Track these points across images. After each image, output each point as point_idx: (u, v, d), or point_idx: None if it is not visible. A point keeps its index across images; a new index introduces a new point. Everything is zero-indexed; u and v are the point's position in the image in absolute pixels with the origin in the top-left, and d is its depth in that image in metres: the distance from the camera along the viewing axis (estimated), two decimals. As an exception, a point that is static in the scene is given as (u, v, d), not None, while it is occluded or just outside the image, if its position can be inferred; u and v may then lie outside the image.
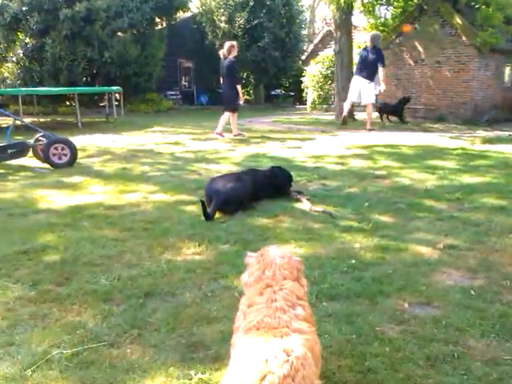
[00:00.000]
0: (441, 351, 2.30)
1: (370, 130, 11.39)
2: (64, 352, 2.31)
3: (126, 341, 2.42)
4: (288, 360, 1.34)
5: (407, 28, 14.37)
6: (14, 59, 18.07)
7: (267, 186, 5.07)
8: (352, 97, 11.67)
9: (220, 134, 10.28)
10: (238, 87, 10.15)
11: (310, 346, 1.45)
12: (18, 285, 3.04)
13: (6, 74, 19.20)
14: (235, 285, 2.96)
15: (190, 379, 2.11)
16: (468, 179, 5.90)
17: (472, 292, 2.89)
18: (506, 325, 2.52)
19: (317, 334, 1.66)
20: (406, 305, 2.75)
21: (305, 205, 4.80)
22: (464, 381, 2.09)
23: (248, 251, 2.01)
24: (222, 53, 10.22)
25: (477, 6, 13.67)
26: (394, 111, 13.84)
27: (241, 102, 10.69)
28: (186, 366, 2.19)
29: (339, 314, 2.62)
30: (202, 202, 4.37)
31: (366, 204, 4.81)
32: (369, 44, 11.40)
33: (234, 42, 10.39)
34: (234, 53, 10.09)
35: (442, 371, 2.15)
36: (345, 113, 12.12)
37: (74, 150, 7.09)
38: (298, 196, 5.08)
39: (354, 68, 12.01)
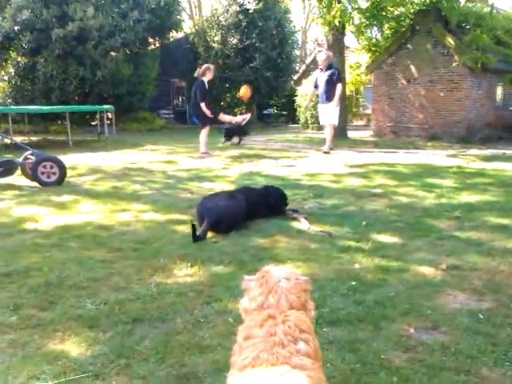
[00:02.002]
0: (452, 381, 2.12)
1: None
2: (44, 384, 2.11)
3: (111, 371, 2.23)
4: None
5: (245, 94, 13.44)
6: (6, 78, 17.98)
7: (262, 205, 4.89)
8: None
9: (205, 153, 10.22)
10: (202, 105, 10.06)
11: (313, 384, 1.27)
12: (-2, 310, 2.85)
13: (-2, 93, 19.11)
14: (229, 309, 2.78)
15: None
16: (466, 197, 5.78)
17: (480, 315, 2.72)
18: (519, 351, 2.36)
19: (322, 370, 1.48)
20: (412, 330, 2.58)
21: (303, 224, 4.64)
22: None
23: (245, 274, 1.80)
24: (197, 72, 10.29)
25: (468, 27, 13.80)
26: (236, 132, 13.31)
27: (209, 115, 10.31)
28: (177, 401, 2.01)
29: (341, 341, 2.45)
30: (193, 224, 4.14)
31: (364, 223, 4.66)
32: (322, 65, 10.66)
33: (212, 66, 10.51)
34: (209, 76, 10.13)
35: (455, 404, 1.99)
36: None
37: (62, 169, 6.92)
38: (295, 215, 4.91)
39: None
